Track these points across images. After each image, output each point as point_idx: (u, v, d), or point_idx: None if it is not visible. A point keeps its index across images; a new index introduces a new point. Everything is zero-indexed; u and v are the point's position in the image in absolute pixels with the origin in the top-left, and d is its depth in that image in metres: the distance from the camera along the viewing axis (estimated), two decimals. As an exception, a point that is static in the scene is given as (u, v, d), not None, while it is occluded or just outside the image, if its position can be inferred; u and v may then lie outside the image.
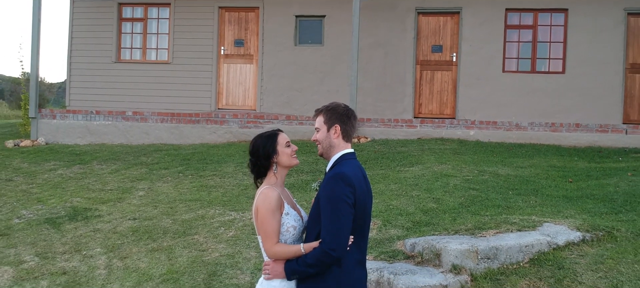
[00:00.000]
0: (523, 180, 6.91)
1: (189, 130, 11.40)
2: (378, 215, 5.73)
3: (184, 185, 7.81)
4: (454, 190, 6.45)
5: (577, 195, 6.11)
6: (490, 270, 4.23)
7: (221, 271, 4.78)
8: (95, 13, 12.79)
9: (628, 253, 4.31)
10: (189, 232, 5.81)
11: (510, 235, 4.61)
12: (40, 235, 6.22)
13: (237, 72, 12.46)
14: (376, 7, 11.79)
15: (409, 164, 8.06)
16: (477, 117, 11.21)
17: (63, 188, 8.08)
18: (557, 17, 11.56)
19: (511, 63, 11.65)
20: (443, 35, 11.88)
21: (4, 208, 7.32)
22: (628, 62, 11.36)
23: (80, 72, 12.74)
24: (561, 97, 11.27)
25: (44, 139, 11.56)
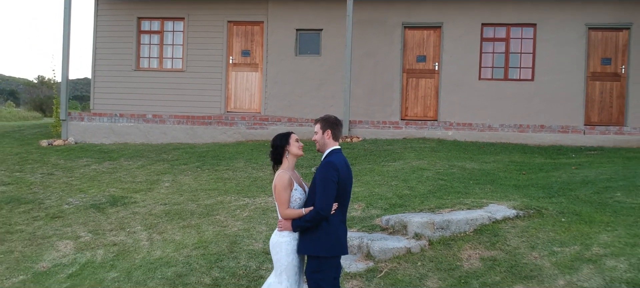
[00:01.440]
0: (484, 173, 8.23)
1: (203, 131, 12.69)
2: (363, 199, 7.05)
3: (203, 178, 9.12)
4: (426, 180, 7.77)
5: (525, 184, 7.43)
6: (443, 237, 5.54)
7: (240, 240, 6.08)
8: (117, 26, 14.06)
9: (548, 225, 5.62)
10: (211, 213, 7.12)
11: (460, 212, 5.92)
12: (89, 217, 7.53)
13: (244, 79, 13.76)
14: (367, 22, 13.10)
15: (392, 160, 9.38)
16: (456, 119, 12.53)
17: (99, 181, 9.38)
18: (527, 30, 12.86)
19: (486, 71, 12.95)
20: (426, 47, 13.18)
21: (52, 196, 8.61)
22: (589, 71, 12.67)
23: (103, 79, 14.03)
24: (530, 101, 12.59)
25: (73, 138, 12.85)
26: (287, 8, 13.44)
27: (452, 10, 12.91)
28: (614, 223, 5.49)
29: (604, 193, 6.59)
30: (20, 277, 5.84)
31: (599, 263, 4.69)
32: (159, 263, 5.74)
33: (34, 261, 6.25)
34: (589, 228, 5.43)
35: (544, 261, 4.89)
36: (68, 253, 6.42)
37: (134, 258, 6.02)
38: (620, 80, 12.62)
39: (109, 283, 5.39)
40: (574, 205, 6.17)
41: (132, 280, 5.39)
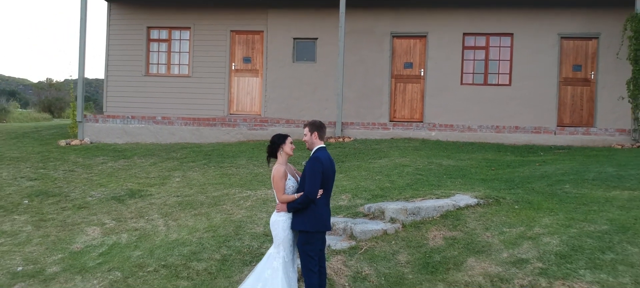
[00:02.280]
0: (458, 169, 9.23)
1: (208, 132, 13.68)
2: (350, 191, 8.05)
3: (209, 174, 10.11)
4: (405, 175, 8.77)
5: (491, 178, 8.43)
6: (414, 221, 6.53)
7: (244, 225, 7.08)
8: (128, 34, 15.05)
9: (503, 211, 6.62)
10: (218, 203, 8.12)
11: (430, 201, 6.92)
12: (111, 207, 8.52)
13: (246, 84, 14.76)
14: (358, 31, 14.10)
15: (378, 158, 10.38)
16: (439, 121, 13.53)
17: (116, 177, 10.37)
18: (505, 39, 13.87)
19: (468, 77, 13.96)
20: (413, 55, 14.19)
21: (76, 190, 9.59)
22: (561, 76, 13.68)
23: (115, 83, 15.02)
24: (507, 105, 13.60)
25: (89, 138, 13.83)
26: (285, 18, 14.43)
27: (436, 21, 13.92)
28: (557, 209, 6.50)
29: (556, 185, 7.59)
30: (59, 255, 6.82)
31: (537, 240, 5.69)
32: (175, 243, 6.73)
33: (68, 243, 7.23)
34: (535, 213, 6.43)
35: (494, 239, 5.89)
36: (96, 237, 7.40)
37: (154, 240, 7.01)
38: (590, 85, 13.63)
39: (135, 259, 6.38)
40: (528, 195, 7.17)
41: (154, 256, 6.38)
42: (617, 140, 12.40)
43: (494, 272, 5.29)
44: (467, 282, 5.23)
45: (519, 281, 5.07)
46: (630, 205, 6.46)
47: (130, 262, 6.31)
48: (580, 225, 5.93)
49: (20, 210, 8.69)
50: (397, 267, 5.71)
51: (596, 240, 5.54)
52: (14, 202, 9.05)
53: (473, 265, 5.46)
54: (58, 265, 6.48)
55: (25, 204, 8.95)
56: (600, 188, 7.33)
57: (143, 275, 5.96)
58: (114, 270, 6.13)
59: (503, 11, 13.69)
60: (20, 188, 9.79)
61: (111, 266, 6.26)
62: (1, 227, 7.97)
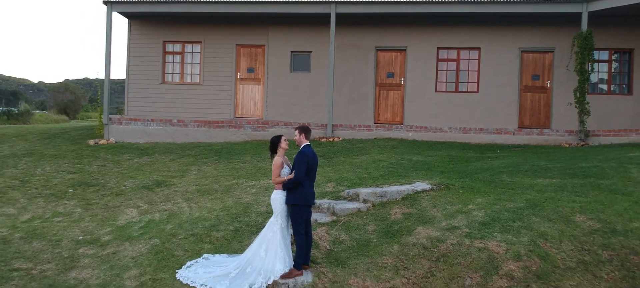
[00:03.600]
0: (424, 163, 11.06)
1: (217, 133, 15.48)
2: (334, 180, 9.87)
3: (220, 168, 11.92)
4: (380, 168, 10.59)
5: (448, 170, 10.25)
6: (381, 202, 8.35)
7: (251, 206, 8.89)
8: (146, 48, 16.85)
9: (450, 194, 8.44)
10: (230, 190, 9.93)
11: (394, 186, 8.75)
12: (142, 194, 10.32)
13: (249, 91, 16.57)
14: (347, 46, 15.91)
15: (360, 154, 12.21)
16: (416, 123, 15.36)
17: (143, 170, 12.17)
18: (473, 53, 15.69)
19: (441, 85, 15.78)
20: (394, 66, 16.01)
21: (111, 181, 11.39)
22: (522, 85, 15.50)
23: (135, 90, 16.82)
24: (475, 109, 15.42)
25: (114, 138, 15.63)
26: (284, 34, 16.25)
27: (414, 37, 15.74)
28: (489, 192, 8.33)
29: (496, 175, 9.42)
30: (108, 229, 8.63)
31: (468, 214, 7.52)
32: (198, 219, 8.54)
33: (113, 221, 9.04)
34: (473, 195, 8.26)
35: (438, 213, 7.71)
36: (135, 216, 9.21)
37: (181, 217, 8.83)
38: (546, 92, 15.46)
39: (168, 230, 8.19)
40: (472, 183, 9.00)
41: (183, 228, 8.20)
42: (566, 140, 14.23)
43: (434, 235, 7.11)
44: (415, 242, 7.05)
45: (450, 241, 6.90)
46: (545, 189, 8.30)
47: (165, 232, 8.13)
48: (502, 203, 7.76)
49: (68, 196, 10.50)
50: (365, 235, 7.52)
51: (511, 213, 7.37)
52: (61, 191, 10.86)
53: (420, 232, 7.28)
54: (109, 235, 8.29)
55: (70, 192, 10.76)
56: (528, 177, 9.17)
57: (176, 241, 7.78)
58: (153, 238, 7.95)
59: (472, 28, 15.51)
60: (63, 180, 11.60)
61: (150, 235, 8.08)
62: (56, 209, 9.78)
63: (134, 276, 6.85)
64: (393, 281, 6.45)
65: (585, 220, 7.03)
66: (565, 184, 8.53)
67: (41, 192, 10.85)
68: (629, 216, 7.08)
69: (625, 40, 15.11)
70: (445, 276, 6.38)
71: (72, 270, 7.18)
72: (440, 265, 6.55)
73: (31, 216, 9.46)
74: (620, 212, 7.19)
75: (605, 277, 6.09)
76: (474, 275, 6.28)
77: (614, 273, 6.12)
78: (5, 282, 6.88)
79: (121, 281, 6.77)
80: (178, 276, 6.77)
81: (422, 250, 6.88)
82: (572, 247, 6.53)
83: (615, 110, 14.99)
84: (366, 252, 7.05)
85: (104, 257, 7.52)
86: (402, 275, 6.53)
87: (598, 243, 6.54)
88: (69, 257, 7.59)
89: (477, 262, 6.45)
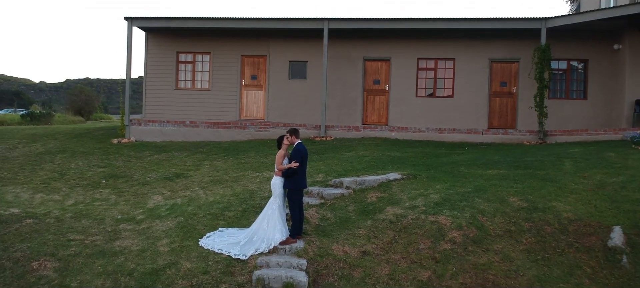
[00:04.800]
0: (401, 158, 12.86)
1: (224, 132, 17.28)
2: (324, 171, 11.67)
3: (229, 162, 13.72)
4: (363, 162, 12.40)
5: (419, 164, 12.05)
6: (361, 188, 10.15)
7: (256, 192, 10.69)
8: (161, 57, 18.64)
9: (416, 182, 10.24)
10: (238, 180, 11.74)
11: (372, 176, 10.55)
12: (165, 184, 12.12)
13: (253, 95, 18.37)
14: (338, 56, 17.72)
15: (348, 151, 14.02)
16: (398, 124, 17.17)
17: (162, 165, 13.97)
18: (448, 63, 17.50)
19: (421, 91, 17.59)
20: (380, 74, 17.82)
21: (136, 174, 13.18)
22: (491, 90, 17.31)
23: (152, 95, 18.60)
24: (450, 112, 17.23)
25: (134, 138, 17.43)
26: (283, 46, 18.05)
27: (397, 48, 17.54)
28: (447, 180, 10.14)
29: (456, 168, 11.24)
30: (140, 210, 10.42)
31: (427, 197, 9.33)
32: (213, 202, 10.35)
33: (143, 205, 10.83)
34: (434, 183, 10.07)
35: (404, 197, 9.51)
36: (160, 201, 11.01)
37: (198, 201, 10.63)
38: (513, 97, 17.26)
39: (190, 211, 9.99)
40: (435, 173, 10.82)
41: (201, 209, 10.00)
42: (528, 139, 16.03)
43: (399, 213, 8.92)
44: (384, 218, 8.85)
45: (410, 216, 8.71)
46: (491, 178, 10.11)
47: (187, 212, 9.94)
48: (455, 189, 9.58)
49: (102, 186, 12.31)
50: (346, 213, 9.33)
51: (460, 196, 9.18)
52: (95, 181, 12.67)
53: (389, 210, 9.09)
54: (142, 215, 10.09)
55: (103, 182, 12.56)
56: (481, 169, 10.98)
57: (196, 218, 9.59)
58: (178, 217, 9.75)
59: (447, 41, 17.32)
60: (95, 173, 13.40)
61: (176, 215, 9.88)
62: (94, 196, 11.58)
63: (166, 244, 8.66)
64: (365, 247, 8.26)
65: (516, 201, 8.85)
66: (509, 174, 10.35)
67: (79, 182, 12.66)
68: (551, 198, 8.90)
69: (581, 52, 16.93)
70: (405, 242, 8.19)
71: (116, 240, 8.99)
72: (402, 235, 8.37)
73: (74, 201, 11.27)
74: (545, 195, 9.01)
75: (524, 242, 7.90)
76: (426, 241, 8.09)
77: (531, 239, 7.94)
78: (65, 249, 8.69)
79: (156, 247, 8.57)
80: (200, 243, 8.58)
81: (389, 224, 8.69)
82: (502, 220, 8.35)
83: (572, 113, 16.80)
84: (346, 226, 8.86)
85: (140, 230, 9.33)
86: (372, 242, 8.34)
87: (522, 218, 8.36)
88: (112, 231, 9.39)
89: (429, 231, 8.26)
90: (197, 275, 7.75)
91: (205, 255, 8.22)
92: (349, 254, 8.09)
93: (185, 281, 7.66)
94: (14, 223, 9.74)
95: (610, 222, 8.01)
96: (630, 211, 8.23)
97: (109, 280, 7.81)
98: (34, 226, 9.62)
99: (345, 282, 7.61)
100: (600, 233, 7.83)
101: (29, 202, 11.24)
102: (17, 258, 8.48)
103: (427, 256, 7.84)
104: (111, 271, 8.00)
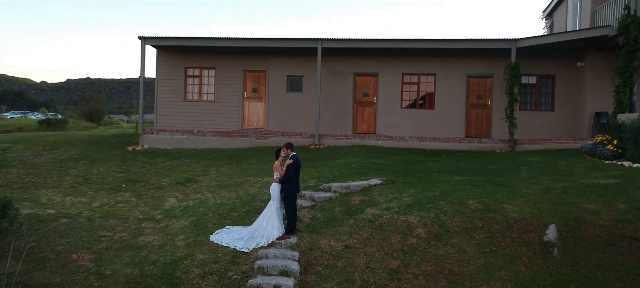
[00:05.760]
0: (383, 165, 14.41)
1: (228, 140, 18.82)
2: (316, 177, 13.22)
3: (233, 168, 15.26)
4: (350, 168, 13.94)
5: (399, 170, 13.59)
6: (346, 192, 11.70)
7: (257, 195, 12.23)
8: (171, 72, 20.18)
9: (394, 187, 11.78)
10: (241, 185, 13.28)
11: (356, 182, 12.10)
12: (178, 188, 13.66)
13: (254, 107, 19.91)
14: (331, 72, 19.27)
15: (338, 158, 15.57)
16: (385, 133, 18.72)
17: (174, 170, 15.50)
18: (430, 77, 19.06)
19: (405, 103, 19.15)
20: (369, 87, 19.37)
21: (152, 179, 14.72)
22: (469, 103, 18.87)
23: (163, 106, 20.15)
24: (431, 122, 18.79)
25: (147, 145, 18.96)
26: (281, 62, 19.60)
27: (384, 65, 19.10)
28: (419, 185, 11.68)
29: (429, 174, 12.78)
30: (158, 211, 11.96)
31: (400, 199, 10.87)
32: (220, 205, 11.89)
33: (160, 207, 12.37)
34: (408, 187, 11.62)
35: (381, 199, 11.07)
36: (175, 203, 12.55)
37: (208, 204, 12.17)
38: (487, 109, 18.82)
39: (201, 212, 11.52)
40: (411, 179, 12.37)
41: (211, 210, 11.54)
42: (500, 147, 17.59)
43: (376, 213, 10.47)
44: (364, 218, 10.40)
45: (385, 216, 10.26)
46: (457, 184, 11.66)
47: (199, 213, 11.48)
48: (425, 193, 11.13)
49: (122, 190, 13.84)
50: (333, 213, 10.87)
51: (428, 199, 10.74)
52: (116, 185, 14.20)
53: (368, 211, 10.64)
54: (160, 215, 11.63)
55: (123, 186, 14.10)
56: (450, 175, 12.54)
57: (206, 218, 11.13)
58: (191, 216, 11.29)
59: (429, 59, 18.87)
60: (116, 178, 14.94)
61: (189, 215, 11.42)
62: (117, 199, 13.11)
63: (182, 239, 10.20)
64: (347, 241, 9.80)
65: (474, 203, 10.41)
66: (472, 180, 11.91)
67: (102, 186, 14.20)
68: (503, 201, 10.45)
69: (549, 68, 18.49)
70: (380, 238, 9.74)
71: (140, 236, 10.52)
72: (378, 231, 9.92)
73: (100, 203, 12.81)
74: (498, 199, 10.56)
75: (476, 237, 9.45)
76: (397, 237, 9.64)
77: (482, 235, 9.49)
78: (98, 243, 10.22)
79: (174, 242, 10.12)
80: (211, 238, 10.12)
81: (367, 223, 10.24)
82: (460, 219, 9.90)
83: (541, 123, 18.36)
84: (332, 224, 10.41)
85: (160, 228, 10.87)
86: (353, 238, 9.88)
87: (477, 217, 9.91)
88: (136, 228, 10.93)
89: (400, 228, 9.82)
90: (208, 264, 9.28)
91: (215, 249, 9.75)
92: (334, 247, 9.63)
93: (199, 269, 9.20)
94: (52, 222, 11.28)
95: (547, 221, 9.56)
96: (565, 212, 9.79)
97: (136, 269, 9.34)
98: (69, 224, 11.16)
99: (330, 270, 9.14)
100: (539, 230, 9.38)
101: (61, 203, 12.78)
102: (59, 251, 10.01)
103: (397, 249, 9.38)
104: (138, 261, 9.53)
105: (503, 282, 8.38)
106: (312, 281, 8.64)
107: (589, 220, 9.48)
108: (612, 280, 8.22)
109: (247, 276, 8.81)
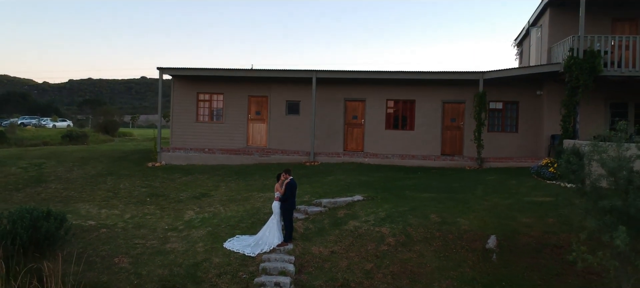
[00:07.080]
0: (367, 182, 16.60)
1: (235, 157, 21.01)
2: (309, 193, 15.41)
3: (240, 184, 17.46)
4: (339, 186, 16.14)
5: (379, 187, 15.78)
6: (333, 207, 13.89)
7: (262, 209, 14.42)
8: (185, 97, 22.40)
9: (373, 203, 13.97)
10: (248, 200, 15.48)
11: (342, 198, 14.30)
12: (194, 202, 15.84)
13: (257, 127, 22.13)
14: (324, 97, 21.51)
15: (329, 175, 17.78)
16: (371, 151, 20.94)
17: (190, 185, 17.69)
18: (410, 103, 21.29)
19: (389, 124, 21.38)
20: (357, 111, 21.60)
21: (171, 193, 16.89)
22: (443, 125, 21.10)
23: (178, 127, 22.36)
24: (411, 142, 21.01)
25: (164, 162, 21.15)
26: (282, 89, 21.84)
27: (370, 91, 21.34)
28: (393, 201, 13.88)
29: (403, 190, 14.98)
30: (180, 222, 14.14)
31: (376, 213, 13.08)
32: (231, 217, 14.08)
33: (181, 218, 14.54)
34: (384, 203, 13.82)
35: (362, 213, 13.23)
36: (193, 215, 14.74)
37: (220, 216, 14.36)
38: (460, 130, 21.05)
39: (215, 223, 13.70)
40: (387, 196, 14.57)
41: (223, 222, 13.73)
42: (469, 164, 19.80)
43: (357, 225, 12.66)
44: (347, 229, 12.58)
45: (364, 227, 12.44)
46: (425, 200, 13.86)
47: (213, 224, 13.67)
48: (397, 208, 13.32)
49: (148, 203, 16.03)
50: (322, 225, 13.06)
51: (398, 214, 12.92)
52: (142, 199, 16.39)
53: (351, 223, 12.83)
54: (182, 226, 13.82)
55: (148, 200, 16.29)
56: (420, 192, 14.73)
57: (220, 228, 13.32)
58: (207, 227, 13.48)
59: (409, 86, 21.12)
60: (140, 192, 17.13)
61: (206, 225, 13.61)
62: (144, 211, 15.30)
63: (202, 245, 12.39)
64: (333, 248, 12.00)
65: (435, 217, 12.61)
66: (437, 197, 14.12)
67: (130, 200, 16.39)
68: (458, 215, 12.66)
69: (513, 95, 20.72)
70: (359, 244, 11.94)
71: (167, 244, 12.72)
72: (357, 239, 12.12)
73: (131, 215, 15.00)
74: (454, 213, 12.78)
75: (434, 245, 11.65)
76: (372, 244, 11.84)
77: (439, 243, 11.69)
78: (134, 249, 12.41)
79: (195, 248, 12.31)
80: (224, 245, 12.31)
81: (350, 232, 12.44)
82: (423, 230, 12.11)
83: (506, 143, 20.58)
84: (322, 234, 12.61)
85: (182, 237, 13.06)
86: (338, 244, 12.08)
87: (436, 229, 12.12)
88: (163, 237, 13.13)
89: (374, 238, 12.02)
90: (223, 266, 11.48)
91: (227, 254, 11.95)
92: (322, 253, 11.83)
93: (215, 270, 11.39)
94: (94, 231, 13.48)
95: (490, 232, 11.77)
96: (505, 225, 12.00)
97: (166, 269, 11.53)
98: (108, 233, 13.36)
99: (319, 270, 11.34)
100: (482, 239, 11.59)
101: (98, 215, 14.97)
102: (103, 255, 12.20)
103: (372, 254, 11.58)
104: (167, 264, 11.73)
105: (451, 280, 10.57)
106: (305, 279, 10.83)
107: (523, 231, 11.70)
108: (535, 279, 10.42)
109: (253, 275, 11.00)
